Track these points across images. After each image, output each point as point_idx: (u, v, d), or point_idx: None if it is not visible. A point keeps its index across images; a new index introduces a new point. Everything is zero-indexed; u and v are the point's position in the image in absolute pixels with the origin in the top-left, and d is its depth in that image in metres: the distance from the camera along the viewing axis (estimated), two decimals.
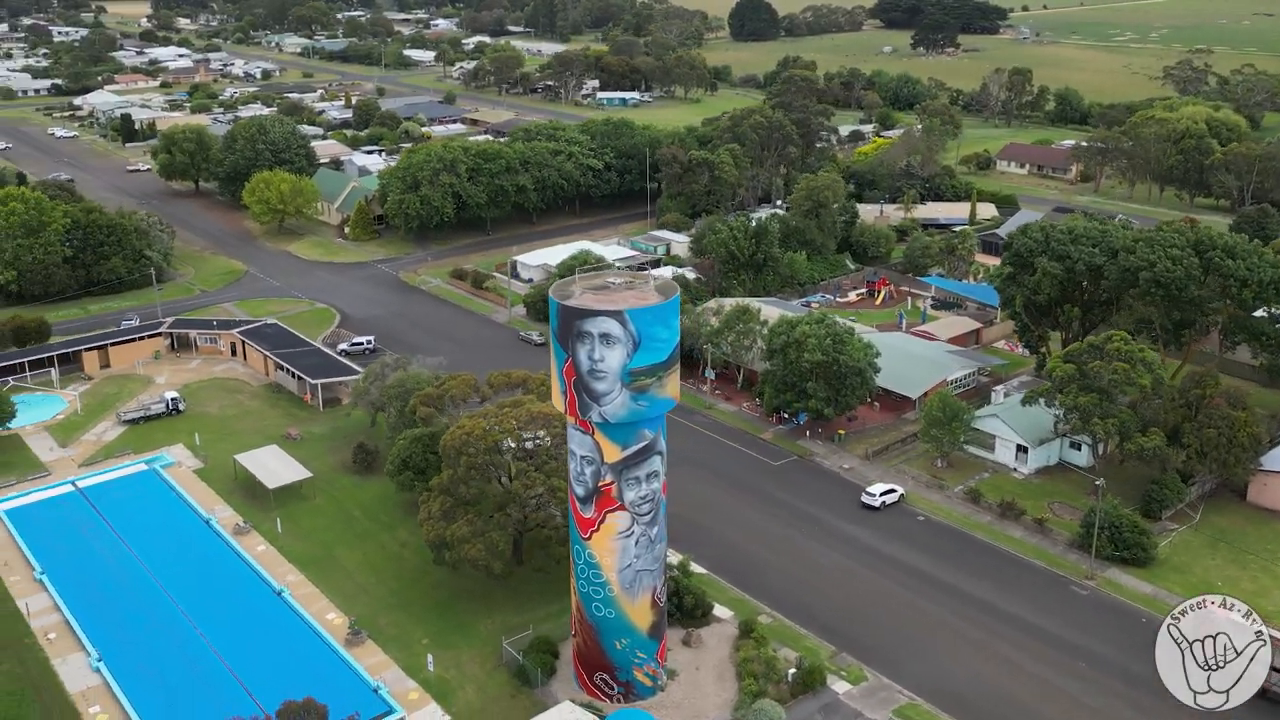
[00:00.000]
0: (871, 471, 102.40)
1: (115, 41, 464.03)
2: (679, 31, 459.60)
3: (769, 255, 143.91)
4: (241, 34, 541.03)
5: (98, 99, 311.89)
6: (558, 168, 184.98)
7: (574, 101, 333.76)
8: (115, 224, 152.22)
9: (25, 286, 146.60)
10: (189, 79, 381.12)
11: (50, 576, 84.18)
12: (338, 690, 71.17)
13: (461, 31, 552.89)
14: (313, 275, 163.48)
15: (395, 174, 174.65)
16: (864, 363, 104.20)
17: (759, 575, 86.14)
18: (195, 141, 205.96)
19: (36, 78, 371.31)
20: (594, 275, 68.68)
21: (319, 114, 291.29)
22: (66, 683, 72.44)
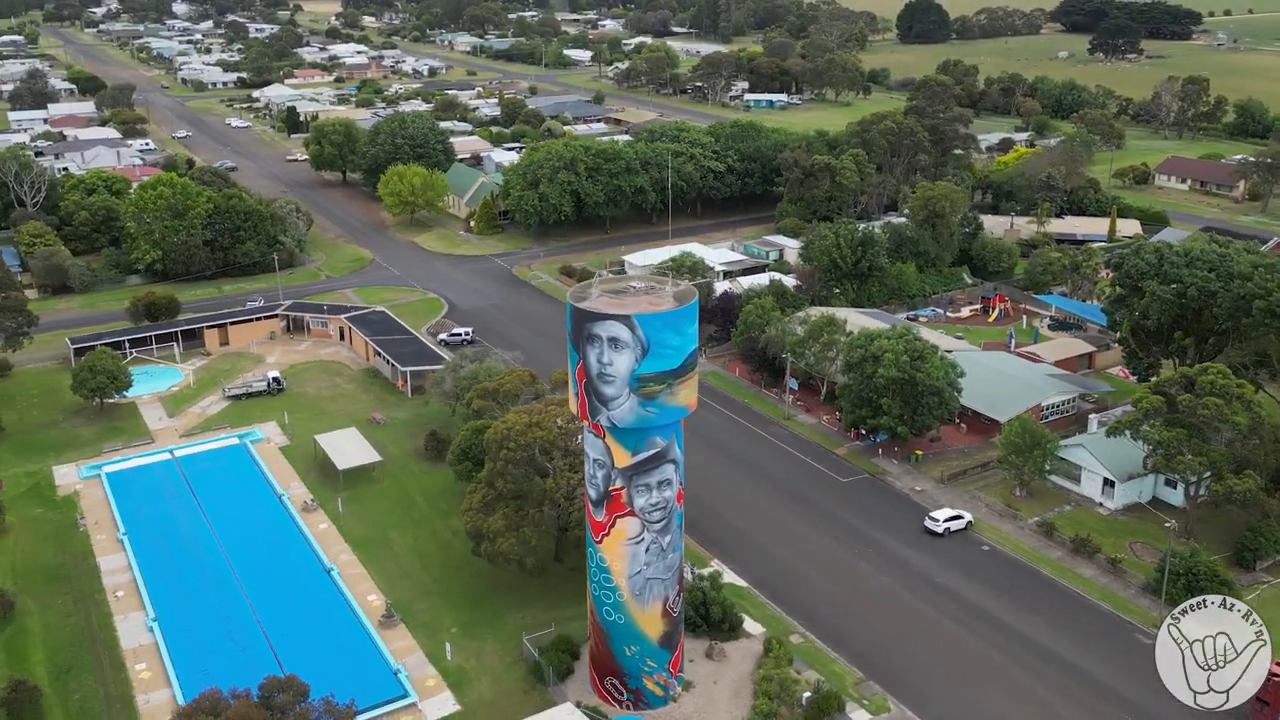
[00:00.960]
0: (944, 496, 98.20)
1: (301, 38, 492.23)
2: (840, 33, 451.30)
3: (874, 265, 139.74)
4: (418, 32, 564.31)
5: (273, 92, 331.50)
6: (677, 169, 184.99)
7: (721, 103, 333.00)
8: (252, 210, 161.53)
9: (169, 265, 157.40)
10: (361, 75, 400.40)
11: (130, 538, 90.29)
12: (360, 670, 73.71)
13: (626, 32, 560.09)
14: (432, 266, 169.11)
15: (517, 171, 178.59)
16: (943, 382, 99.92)
17: (800, 593, 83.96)
18: (343, 134, 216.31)
19: (226, 71, 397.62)
20: (617, 279, 68.41)
21: (471, 110, 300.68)
22: (122, 639, 77.52)
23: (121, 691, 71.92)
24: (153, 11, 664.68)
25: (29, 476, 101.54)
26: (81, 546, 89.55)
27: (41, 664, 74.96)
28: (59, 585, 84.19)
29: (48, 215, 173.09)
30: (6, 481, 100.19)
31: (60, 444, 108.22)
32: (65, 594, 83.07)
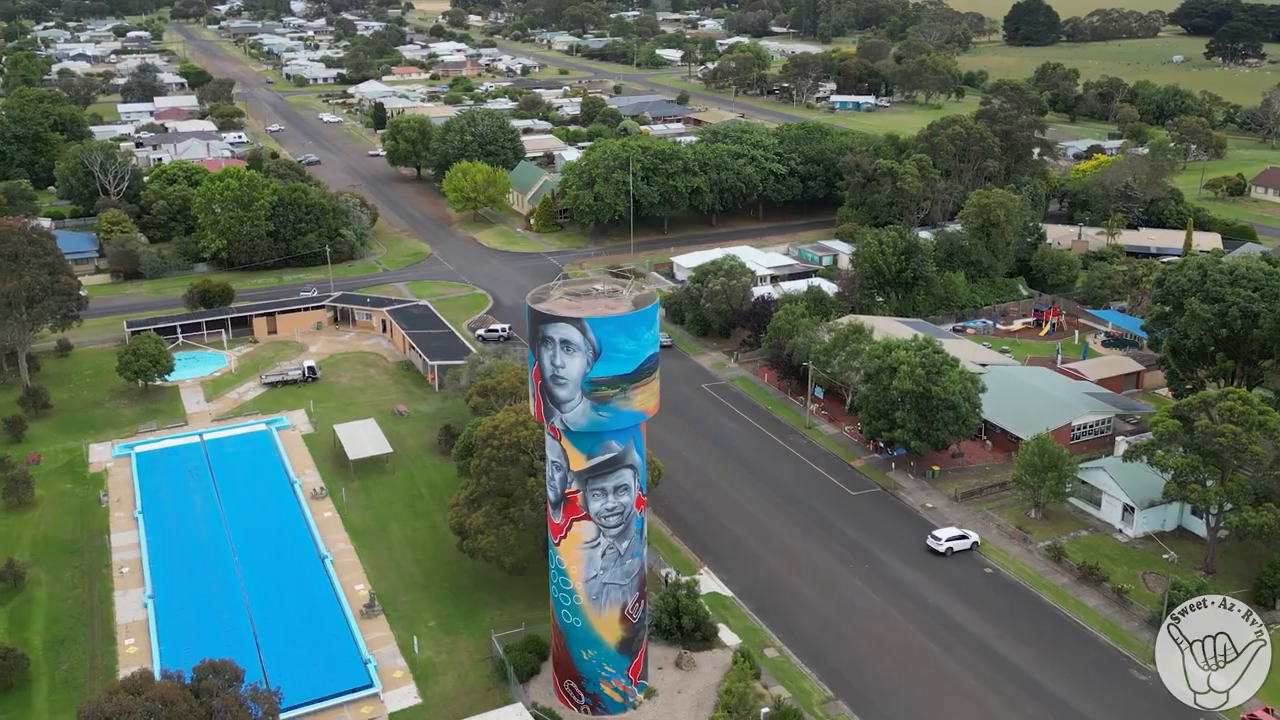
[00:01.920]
0: (955, 514, 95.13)
1: (404, 36, 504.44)
2: (940, 34, 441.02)
3: (919, 274, 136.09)
4: (519, 31, 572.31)
5: (368, 89, 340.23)
6: (737, 170, 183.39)
7: (806, 104, 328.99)
8: (315, 204, 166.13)
9: (234, 254, 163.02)
10: (457, 72, 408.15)
11: (145, 516, 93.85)
12: (332, 658, 75.19)
13: (724, 31, 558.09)
14: (486, 262, 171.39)
15: (574, 170, 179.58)
16: (959, 396, 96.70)
17: (785, 606, 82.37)
18: (418, 131, 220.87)
19: (329, 67, 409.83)
20: (581, 281, 68.16)
21: (554, 109, 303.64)
22: (118, 614, 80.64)
23: (107, 664, 74.82)
24: (271, 9, 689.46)
25: (67, 453, 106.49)
26: (100, 522, 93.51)
27: (40, 633, 78.53)
28: (71, 559, 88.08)
29: (129, 204, 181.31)
30: (46, 457, 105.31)
31: (101, 423, 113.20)
32: (75, 567, 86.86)
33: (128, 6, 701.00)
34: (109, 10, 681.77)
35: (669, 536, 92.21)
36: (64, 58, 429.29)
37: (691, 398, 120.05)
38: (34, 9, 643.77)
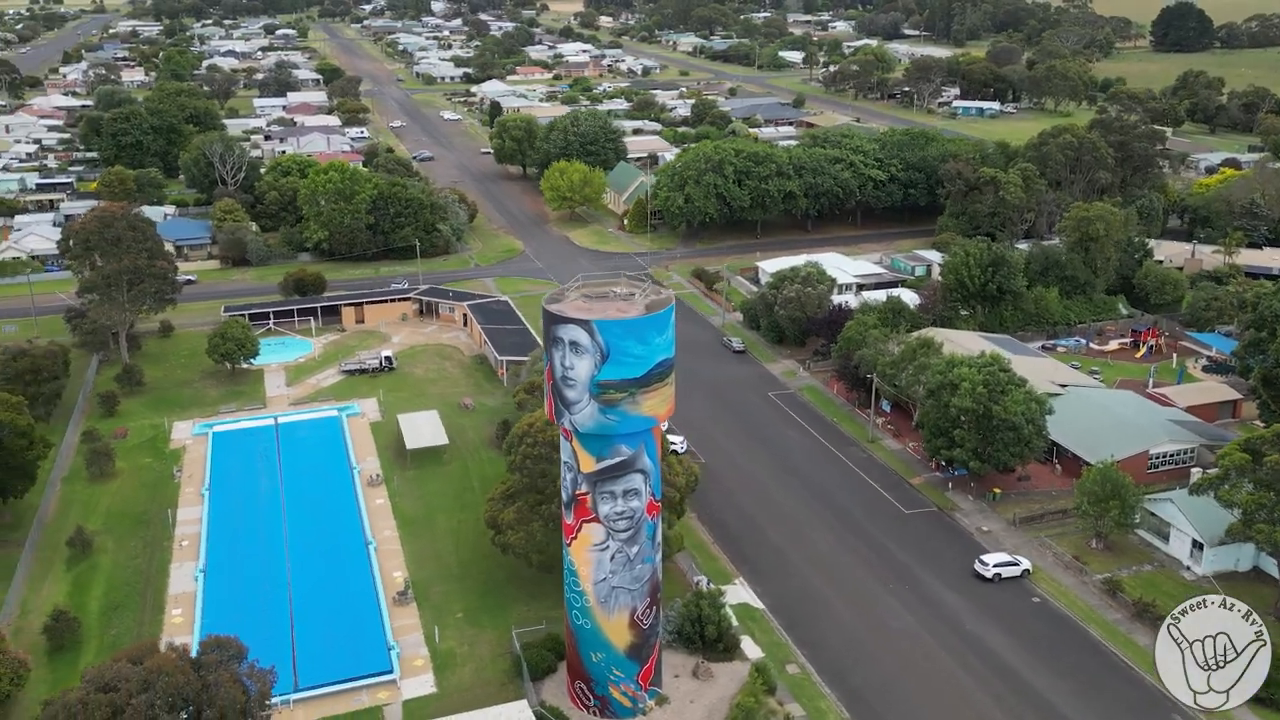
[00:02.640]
0: (1011, 539, 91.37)
1: (533, 37, 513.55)
2: (1078, 38, 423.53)
3: (1006, 288, 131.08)
4: (646, 32, 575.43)
5: (490, 88, 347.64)
6: (834, 175, 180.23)
7: (927, 109, 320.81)
8: (413, 199, 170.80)
9: (334, 245, 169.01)
10: (579, 73, 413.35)
11: (211, 493, 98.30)
12: (359, 642, 77.21)
13: (854, 33, 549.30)
14: (575, 261, 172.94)
15: (666, 172, 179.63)
16: (1022, 417, 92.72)
17: (815, 622, 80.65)
18: (524, 129, 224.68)
19: (457, 66, 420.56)
20: (601, 282, 68.13)
21: (667, 110, 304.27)
22: (171, 585, 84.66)
23: (152, 632, 78.55)
24: (411, 9, 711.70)
25: (152, 428, 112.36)
26: (170, 497, 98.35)
27: (98, 599, 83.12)
28: (139, 530, 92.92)
29: (244, 194, 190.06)
30: (132, 432, 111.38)
31: (187, 402, 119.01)
32: (141, 538, 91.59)
33: (280, 6, 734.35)
34: (263, 9, 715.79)
35: (709, 544, 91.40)
36: (215, 54, 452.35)
37: (756, 405, 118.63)
38: (195, 7, 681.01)
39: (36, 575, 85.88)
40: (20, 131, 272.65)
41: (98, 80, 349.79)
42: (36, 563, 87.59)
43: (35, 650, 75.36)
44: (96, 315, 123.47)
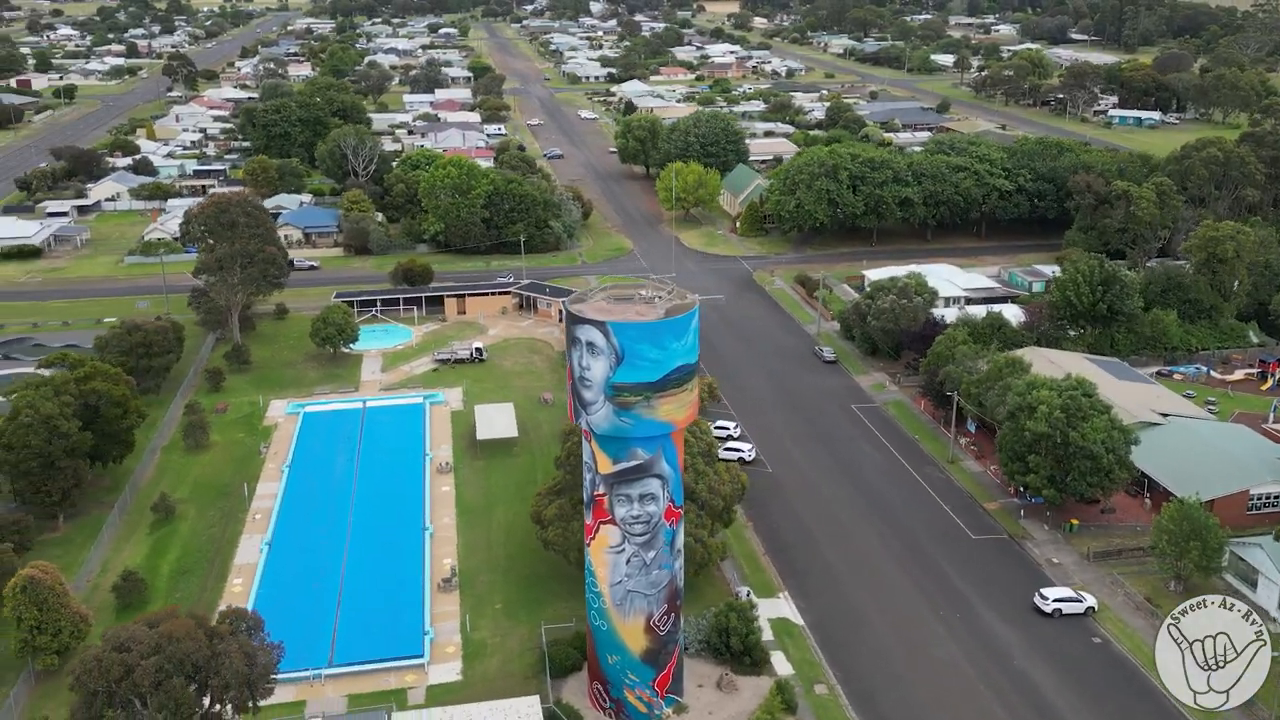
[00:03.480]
0: (1082, 574, 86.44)
1: (681, 37, 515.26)
2: (1259, 45, 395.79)
3: (1118, 308, 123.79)
4: (798, 34, 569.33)
5: (629, 88, 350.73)
6: (955, 184, 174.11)
7: (1081, 118, 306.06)
8: (526, 195, 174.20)
9: (449, 237, 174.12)
10: (722, 74, 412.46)
11: (290, 470, 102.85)
12: (397, 625, 79.34)
13: (1017, 37, 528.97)
14: (681, 262, 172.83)
15: (779, 175, 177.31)
16: (1101, 446, 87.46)
17: (854, 643, 78.28)
18: (647, 130, 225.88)
19: (603, 66, 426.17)
20: (629, 285, 67.85)
21: (802, 113, 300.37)
22: (238, 555, 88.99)
23: (212, 599, 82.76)
24: (570, 10, 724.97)
25: (250, 405, 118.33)
26: (253, 471, 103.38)
27: (170, 563, 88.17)
28: (219, 500, 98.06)
29: (374, 185, 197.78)
30: (232, 408, 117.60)
31: (287, 382, 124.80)
32: (219, 509, 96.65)
33: (447, 5, 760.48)
34: (430, 9, 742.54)
35: (760, 555, 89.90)
36: (378, 51, 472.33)
37: (835, 417, 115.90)
38: (368, 6, 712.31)
39: (121, 537, 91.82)
40: (189, 121, 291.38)
41: (266, 74, 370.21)
42: (123, 525, 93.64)
43: (104, 608, 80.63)
44: (215, 295, 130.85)
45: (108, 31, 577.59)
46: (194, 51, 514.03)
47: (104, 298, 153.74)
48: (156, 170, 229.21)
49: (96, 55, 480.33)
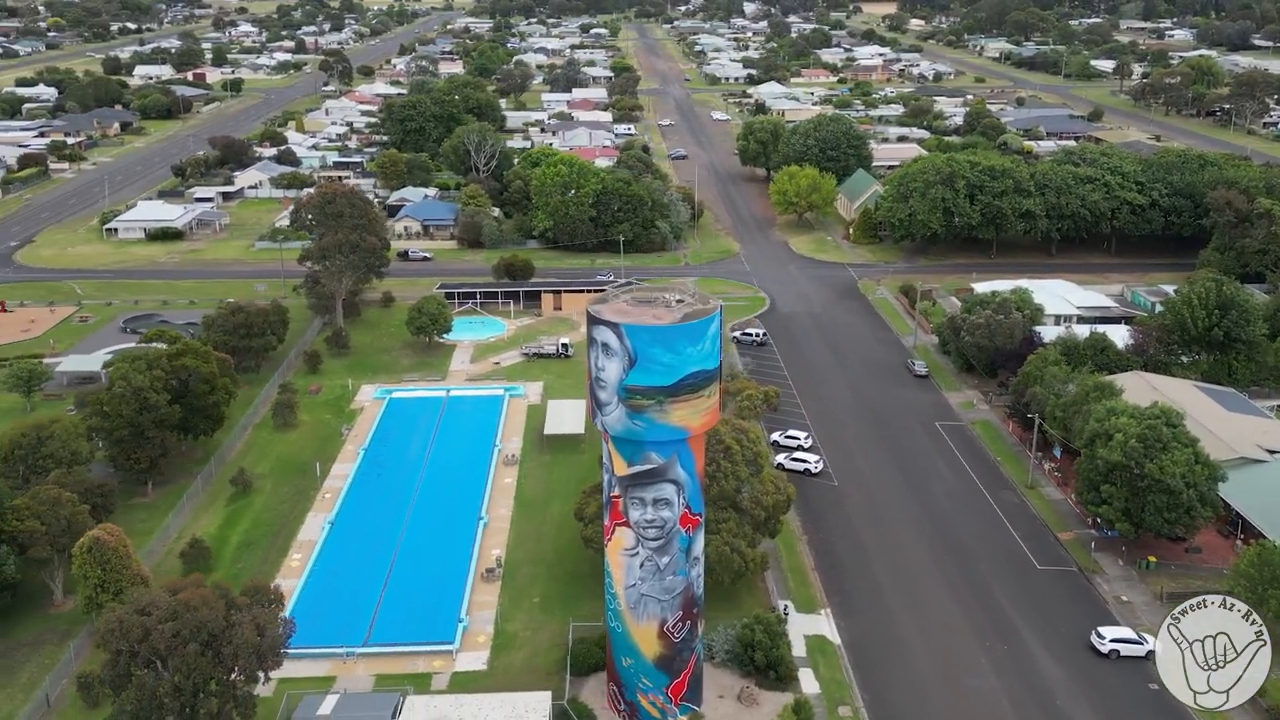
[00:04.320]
0: (1152, 616, 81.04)
1: (829, 39, 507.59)
2: None
3: (1238, 335, 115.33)
4: (954, 36, 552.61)
5: (765, 89, 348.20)
6: (1081, 196, 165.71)
7: (1247, 130, 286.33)
8: (634, 195, 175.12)
9: (557, 234, 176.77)
10: (866, 76, 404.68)
11: (365, 452, 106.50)
12: (434, 610, 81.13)
13: (1192, 42, 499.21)
14: (785, 267, 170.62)
15: (892, 181, 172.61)
16: (1181, 480, 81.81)
17: (888, 667, 75.68)
18: (769, 132, 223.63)
19: (746, 67, 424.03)
20: (654, 288, 67.32)
21: (942, 118, 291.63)
22: (301, 532, 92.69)
23: (270, 571, 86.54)
24: (723, 10, 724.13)
25: (342, 388, 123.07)
26: (332, 451, 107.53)
27: (239, 534, 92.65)
28: (295, 478, 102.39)
29: (493, 181, 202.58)
30: (325, 390, 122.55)
31: (380, 368, 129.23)
32: (294, 485, 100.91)
33: (602, 6, 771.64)
34: (585, 9, 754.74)
35: (809, 569, 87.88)
36: (529, 50, 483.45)
37: (916, 434, 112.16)
38: (526, 7, 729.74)
39: (201, 507, 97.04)
40: (338, 115, 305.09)
41: (417, 71, 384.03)
42: (205, 496, 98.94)
43: (172, 572, 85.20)
44: (328, 282, 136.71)
45: (282, 28, 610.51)
46: (357, 49, 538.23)
47: (231, 280, 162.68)
48: (299, 161, 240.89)
49: (268, 51, 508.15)
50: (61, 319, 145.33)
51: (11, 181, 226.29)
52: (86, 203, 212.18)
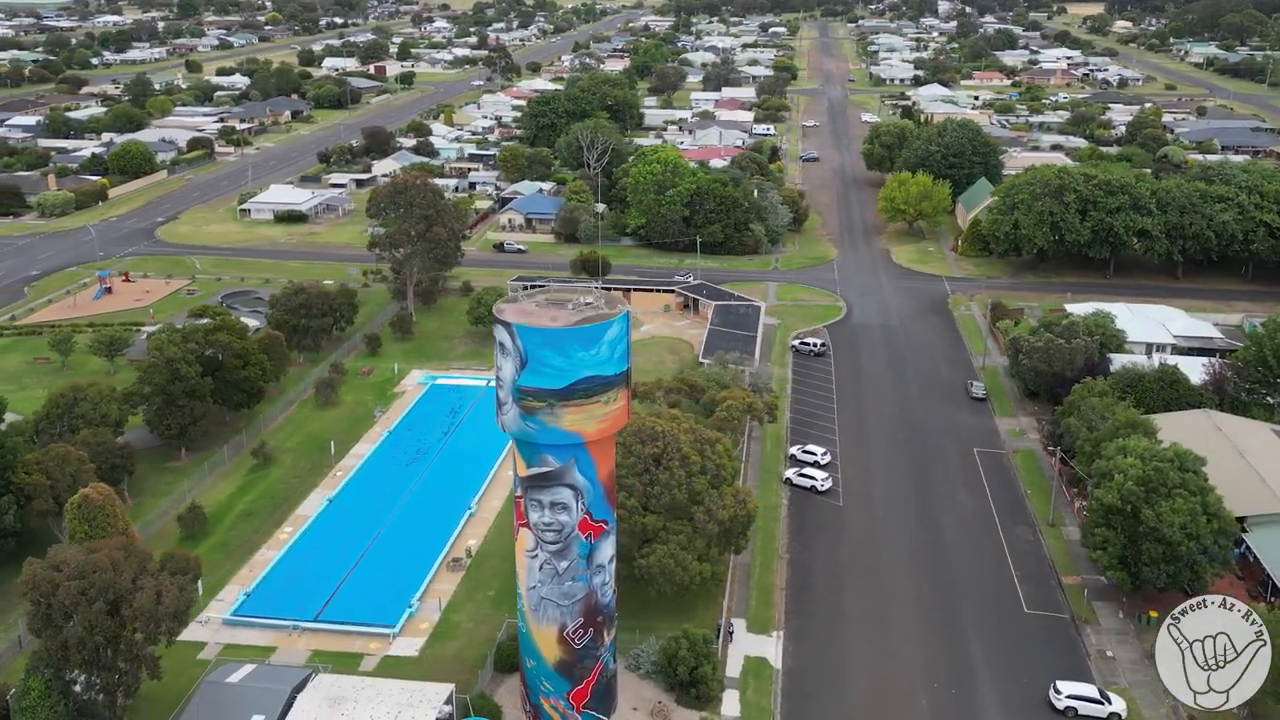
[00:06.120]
0: (1133, 674, 74.11)
1: (1014, 40, 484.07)
2: None
3: None
4: (1158, 40, 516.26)
5: (926, 91, 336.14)
6: (1208, 216, 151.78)
7: None
8: (726, 196, 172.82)
9: (649, 232, 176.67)
10: (1043, 80, 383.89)
11: (388, 435, 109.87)
12: (389, 593, 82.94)
13: None
14: (877, 276, 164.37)
15: (1000, 192, 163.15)
16: (1180, 531, 73.99)
17: (820, 700, 72.07)
18: (895, 136, 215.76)
19: (917, 69, 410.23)
20: (571, 289, 66.28)
21: (1106, 127, 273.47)
22: (301, 506, 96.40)
23: (259, 541, 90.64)
24: (913, 9, 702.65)
25: (392, 371, 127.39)
26: (360, 432, 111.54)
27: (244, 504, 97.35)
28: (317, 454, 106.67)
29: (603, 177, 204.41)
30: (376, 372, 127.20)
31: (434, 354, 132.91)
32: (312, 461, 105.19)
33: (789, 4, 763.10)
34: (770, 7, 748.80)
35: (778, 588, 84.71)
36: (699, 49, 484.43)
37: (949, 459, 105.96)
38: (711, 5, 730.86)
39: (222, 475, 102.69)
40: (490, 109, 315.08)
41: (581, 68, 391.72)
42: (229, 465, 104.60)
43: (167, 534, 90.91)
44: (397, 269, 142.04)
45: (472, 25, 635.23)
46: (538, 45, 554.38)
47: (336, 262, 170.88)
48: (437, 152, 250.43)
49: (454, 46, 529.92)
50: (172, 291, 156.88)
51: (178, 163, 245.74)
52: (236, 185, 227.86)
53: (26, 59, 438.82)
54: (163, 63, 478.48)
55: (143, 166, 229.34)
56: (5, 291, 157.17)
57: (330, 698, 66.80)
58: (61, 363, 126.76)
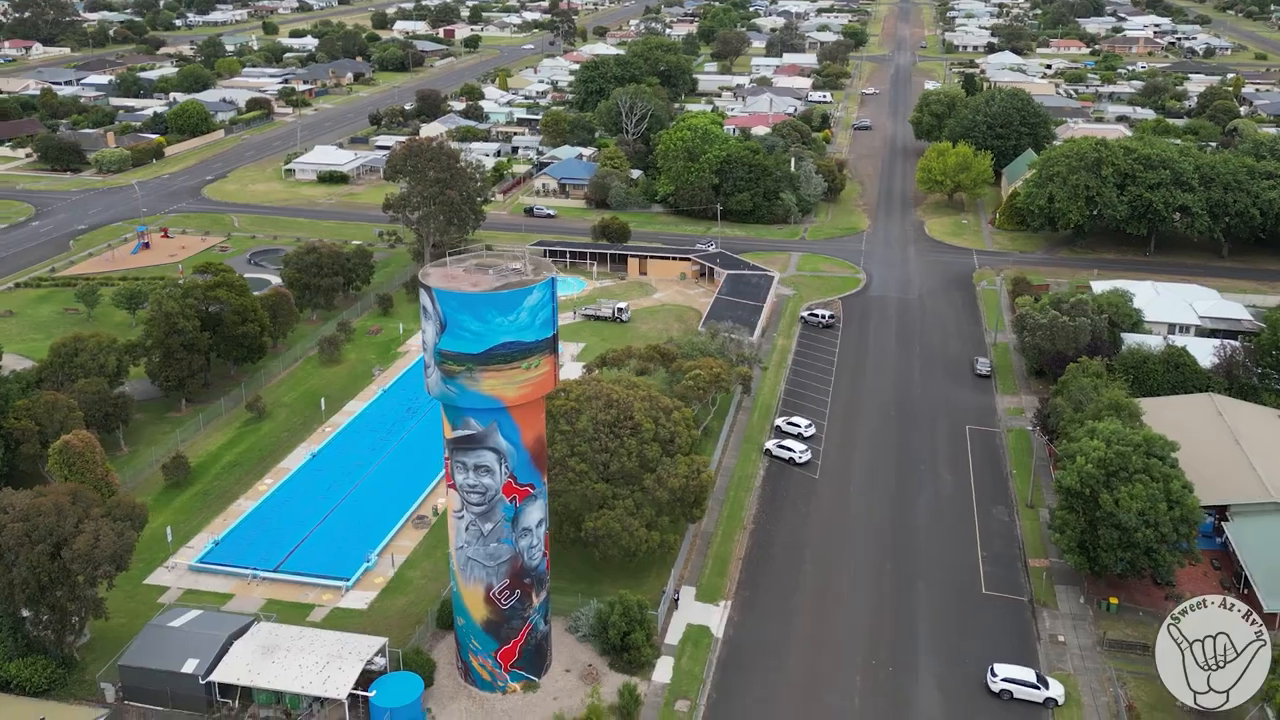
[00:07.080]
0: (1082, 660, 72.33)
1: (1100, 7, 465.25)
2: None
3: None
4: (1257, 6, 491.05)
5: (996, 59, 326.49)
6: (1254, 193, 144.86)
7: None
8: (756, 164, 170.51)
9: (678, 200, 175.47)
10: (1123, 49, 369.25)
11: (383, 393, 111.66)
12: (350, 546, 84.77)
13: None
14: (905, 249, 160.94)
15: (1037, 164, 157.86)
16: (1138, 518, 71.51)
17: (755, 672, 71.77)
18: (945, 105, 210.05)
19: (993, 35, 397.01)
20: (503, 255, 66.35)
21: (1179, 99, 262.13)
22: (285, 460, 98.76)
23: (239, 491, 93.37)
24: None
25: (399, 332, 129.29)
26: (355, 389, 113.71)
27: (233, 454, 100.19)
28: (311, 410, 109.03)
29: (640, 144, 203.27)
30: (385, 332, 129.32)
31: None
32: (305, 416, 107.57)
33: None
34: None
35: (736, 557, 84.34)
36: (770, 13, 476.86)
37: (939, 436, 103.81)
38: None
39: (216, 428, 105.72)
40: (545, 73, 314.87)
41: (647, 33, 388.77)
42: (225, 418, 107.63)
43: (152, 481, 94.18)
44: (410, 230, 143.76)
45: None
46: (613, 9, 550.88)
47: (367, 222, 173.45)
48: (486, 116, 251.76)
49: (526, 9, 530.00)
50: (207, 247, 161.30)
51: (236, 122, 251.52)
52: (288, 145, 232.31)
53: (114, 19, 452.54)
54: (242, 24, 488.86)
55: (199, 126, 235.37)
56: (53, 244, 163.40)
57: (264, 645, 68.80)
58: (88, 314, 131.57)
